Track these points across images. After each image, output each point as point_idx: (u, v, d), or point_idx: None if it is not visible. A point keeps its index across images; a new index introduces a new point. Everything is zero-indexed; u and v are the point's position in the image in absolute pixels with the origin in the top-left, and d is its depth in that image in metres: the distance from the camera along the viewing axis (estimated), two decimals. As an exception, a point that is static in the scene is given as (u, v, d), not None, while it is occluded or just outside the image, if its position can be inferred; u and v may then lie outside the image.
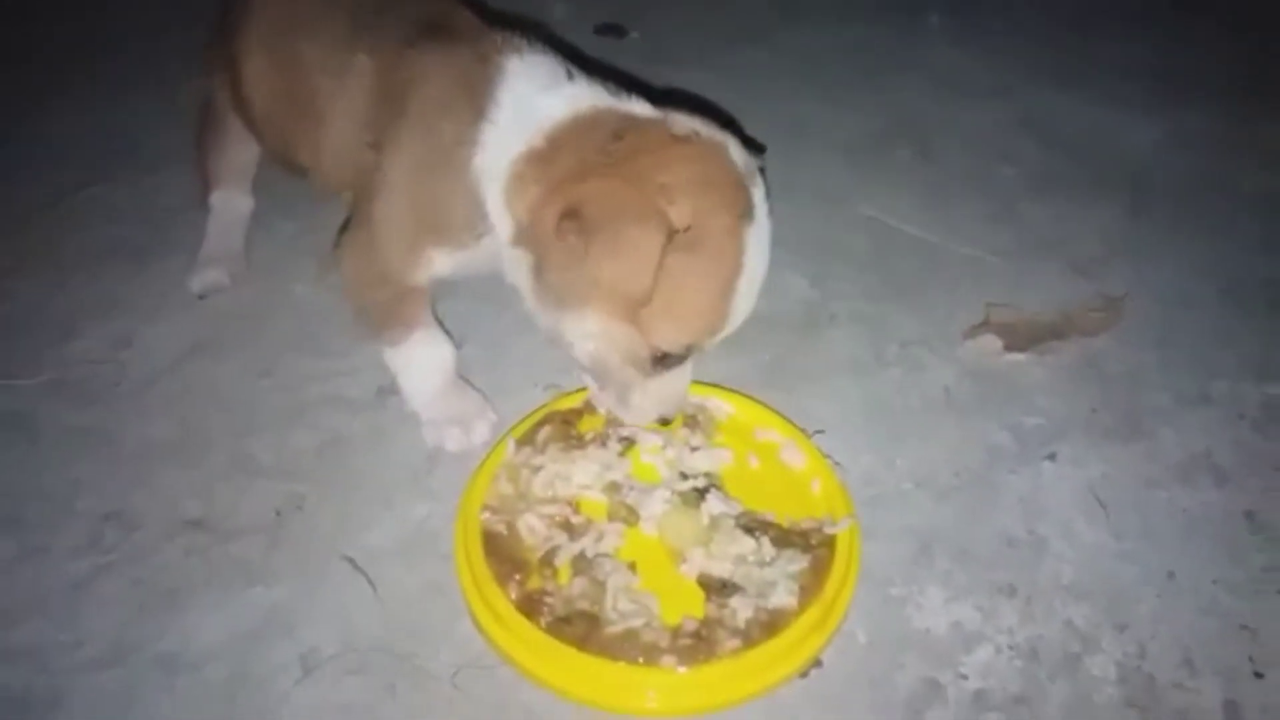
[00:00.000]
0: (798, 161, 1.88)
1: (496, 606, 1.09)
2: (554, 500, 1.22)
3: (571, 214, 1.03)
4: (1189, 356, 1.52)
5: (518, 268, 1.15)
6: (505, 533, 1.18)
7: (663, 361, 1.13)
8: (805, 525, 1.19)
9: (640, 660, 1.05)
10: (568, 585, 1.13)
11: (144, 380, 1.41)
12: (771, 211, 1.11)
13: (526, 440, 1.28)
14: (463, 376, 1.37)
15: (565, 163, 1.07)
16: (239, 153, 1.54)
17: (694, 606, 1.12)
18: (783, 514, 1.21)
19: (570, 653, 1.05)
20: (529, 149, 1.10)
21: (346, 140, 1.22)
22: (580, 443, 1.28)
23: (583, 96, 1.12)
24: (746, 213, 1.06)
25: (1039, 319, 1.55)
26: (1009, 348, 1.50)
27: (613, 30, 2.17)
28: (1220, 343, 1.55)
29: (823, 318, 1.57)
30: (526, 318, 1.46)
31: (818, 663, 1.11)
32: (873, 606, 1.17)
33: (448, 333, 1.37)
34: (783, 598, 1.11)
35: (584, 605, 1.11)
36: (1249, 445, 1.39)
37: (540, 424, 1.30)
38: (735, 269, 1.06)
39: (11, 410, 1.35)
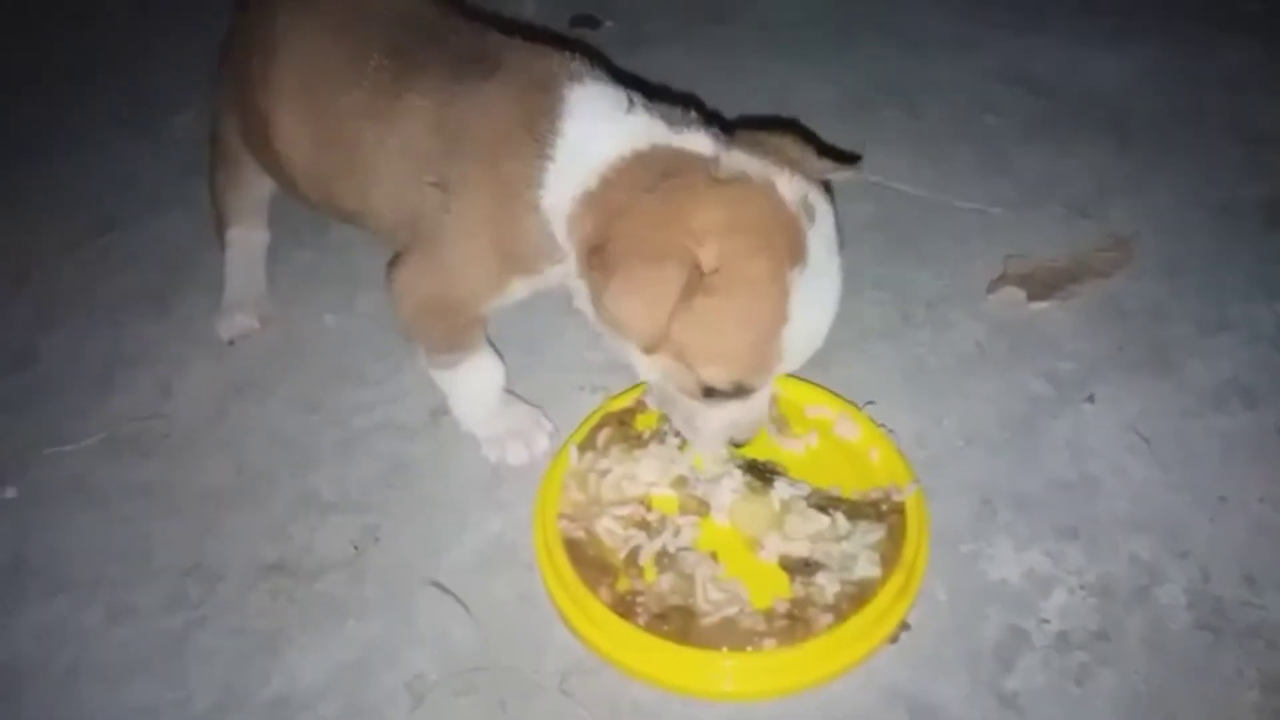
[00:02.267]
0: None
1: (594, 613, 1.12)
2: (625, 501, 1.24)
3: (597, 249, 1.06)
4: (1200, 284, 1.57)
5: (581, 296, 1.17)
6: (585, 538, 1.20)
7: (715, 395, 1.11)
8: (873, 495, 1.23)
9: (744, 647, 1.08)
10: (656, 582, 1.16)
11: (193, 429, 1.41)
12: (843, 245, 1.10)
13: (588, 445, 1.29)
14: (507, 388, 1.37)
15: (613, 201, 1.07)
16: (255, 188, 1.51)
17: (780, 588, 1.15)
18: (849, 488, 1.25)
19: (676, 647, 1.08)
20: (585, 190, 1.10)
21: (402, 184, 1.20)
22: (640, 441, 1.30)
23: (640, 132, 1.10)
24: (793, 255, 1.04)
25: (1054, 265, 1.59)
26: (1031, 297, 1.53)
27: (587, 22, 2.17)
28: (1226, 268, 1.60)
29: (846, 287, 1.59)
30: (559, 321, 1.49)
31: (906, 626, 1.15)
32: (947, 565, 1.21)
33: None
34: (866, 568, 1.15)
35: (676, 600, 1.14)
36: (1272, 364, 1.45)
37: (598, 427, 1.32)
38: (777, 313, 1.04)
39: (70, 474, 1.35)
